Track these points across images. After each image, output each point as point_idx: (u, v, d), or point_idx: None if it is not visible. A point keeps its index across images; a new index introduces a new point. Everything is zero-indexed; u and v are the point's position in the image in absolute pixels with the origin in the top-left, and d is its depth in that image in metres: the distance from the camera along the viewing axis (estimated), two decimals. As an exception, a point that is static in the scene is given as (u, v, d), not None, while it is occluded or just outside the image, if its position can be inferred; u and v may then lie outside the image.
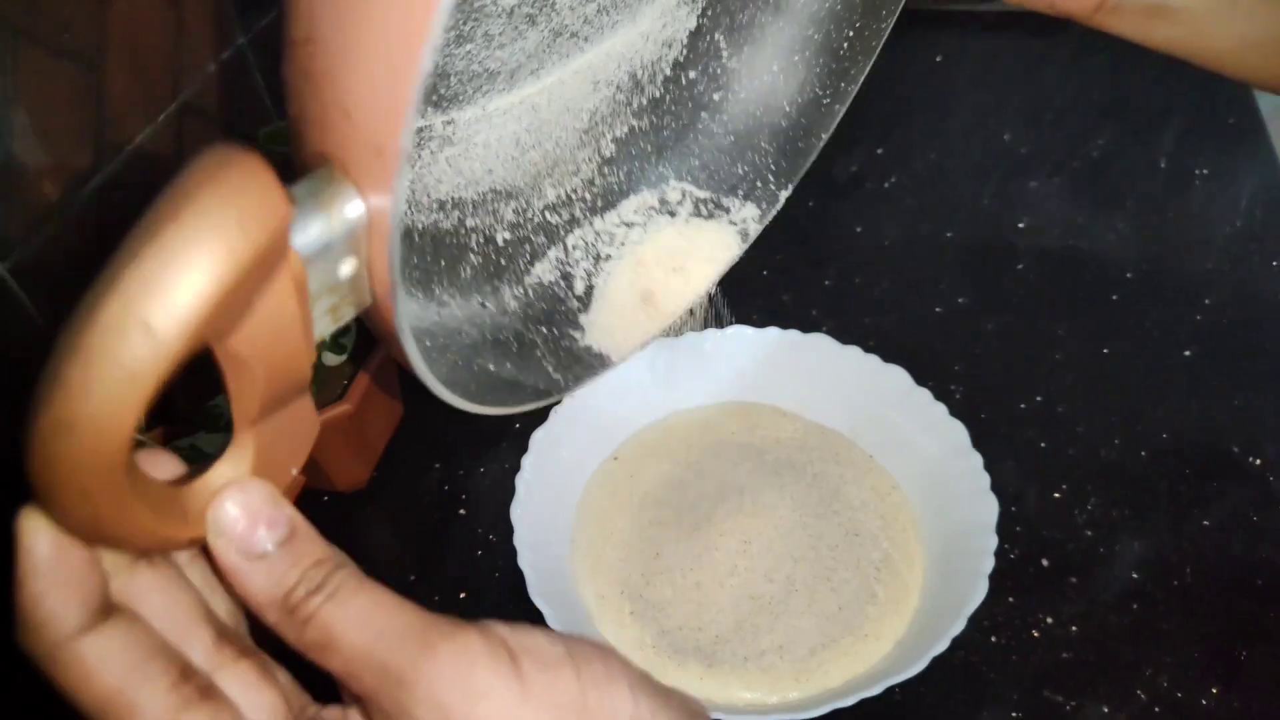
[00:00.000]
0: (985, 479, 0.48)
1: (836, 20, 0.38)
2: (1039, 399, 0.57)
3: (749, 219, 0.39)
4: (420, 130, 0.32)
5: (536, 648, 0.21)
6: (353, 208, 0.21)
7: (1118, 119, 0.77)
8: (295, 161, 0.22)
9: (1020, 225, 0.69)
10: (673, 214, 0.40)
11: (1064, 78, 0.82)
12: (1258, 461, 0.53)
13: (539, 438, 0.52)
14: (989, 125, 0.77)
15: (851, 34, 0.38)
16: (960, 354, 0.60)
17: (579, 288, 0.38)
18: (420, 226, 0.33)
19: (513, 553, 0.47)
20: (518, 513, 0.48)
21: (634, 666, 0.22)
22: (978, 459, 0.49)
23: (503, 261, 0.36)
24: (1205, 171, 0.71)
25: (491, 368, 0.32)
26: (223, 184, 0.17)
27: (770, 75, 0.39)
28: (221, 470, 0.21)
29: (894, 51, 0.42)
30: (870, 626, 0.46)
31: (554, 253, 0.37)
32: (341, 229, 0.21)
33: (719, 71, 0.39)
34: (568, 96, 0.36)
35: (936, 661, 0.42)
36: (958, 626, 0.43)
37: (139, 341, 0.17)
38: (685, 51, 0.39)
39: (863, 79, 0.38)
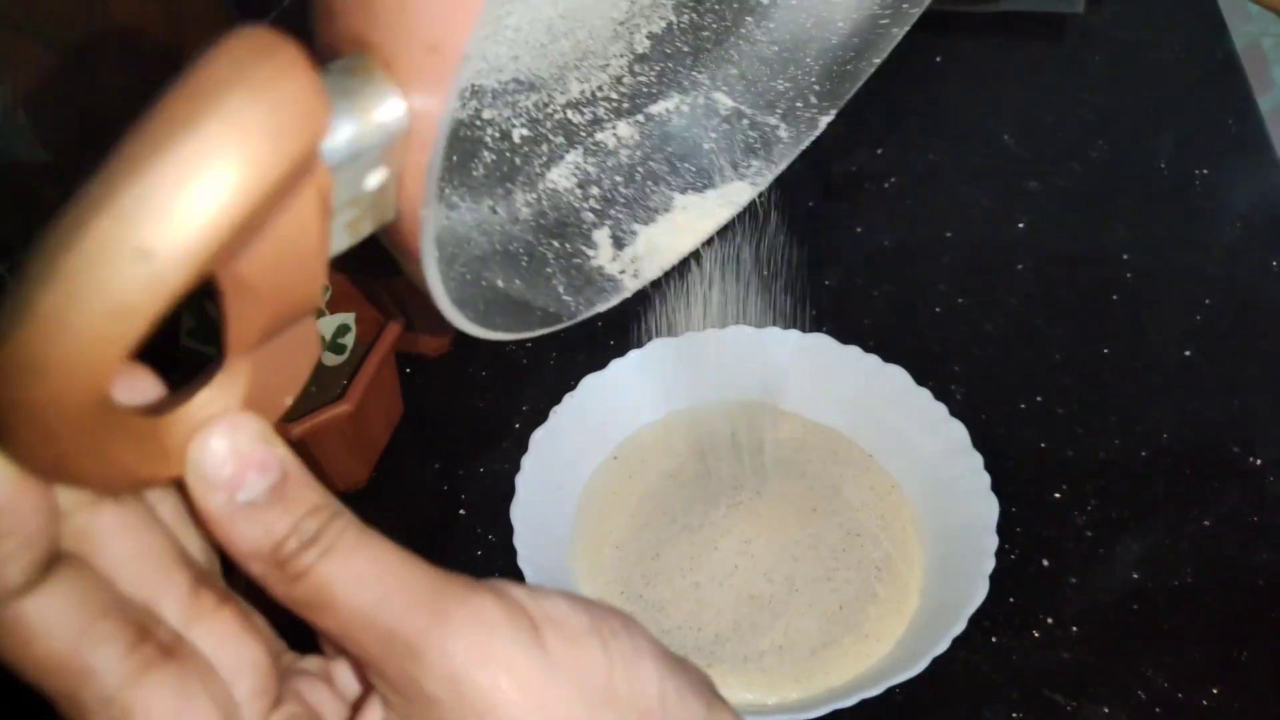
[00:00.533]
0: (985, 479, 0.48)
1: None
2: (1039, 399, 0.58)
3: (785, 139, 0.37)
4: None
5: (561, 617, 0.19)
6: (392, 111, 0.18)
7: (1117, 120, 0.77)
8: (318, 42, 0.19)
9: (1020, 226, 0.69)
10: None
11: (1064, 79, 0.82)
12: (1257, 461, 0.53)
13: (539, 438, 0.52)
14: (988, 126, 0.77)
15: None
16: (960, 354, 0.60)
17: (596, 198, 0.35)
18: (443, 151, 0.31)
19: (513, 553, 0.47)
20: (518, 513, 0.48)
21: (654, 639, 0.21)
22: (978, 459, 0.49)
23: (517, 161, 0.33)
24: (1205, 172, 0.71)
25: (500, 283, 0.30)
26: (255, 83, 0.14)
27: None
28: (208, 399, 0.18)
29: (893, 52, 0.42)
30: (870, 626, 0.46)
31: (573, 156, 0.35)
32: (376, 135, 0.18)
33: None
34: None
35: (937, 661, 0.42)
36: (958, 626, 0.43)
37: (133, 271, 0.13)
38: None
39: (925, 4, 0.35)
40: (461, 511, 0.55)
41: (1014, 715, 0.45)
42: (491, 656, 0.18)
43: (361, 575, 0.18)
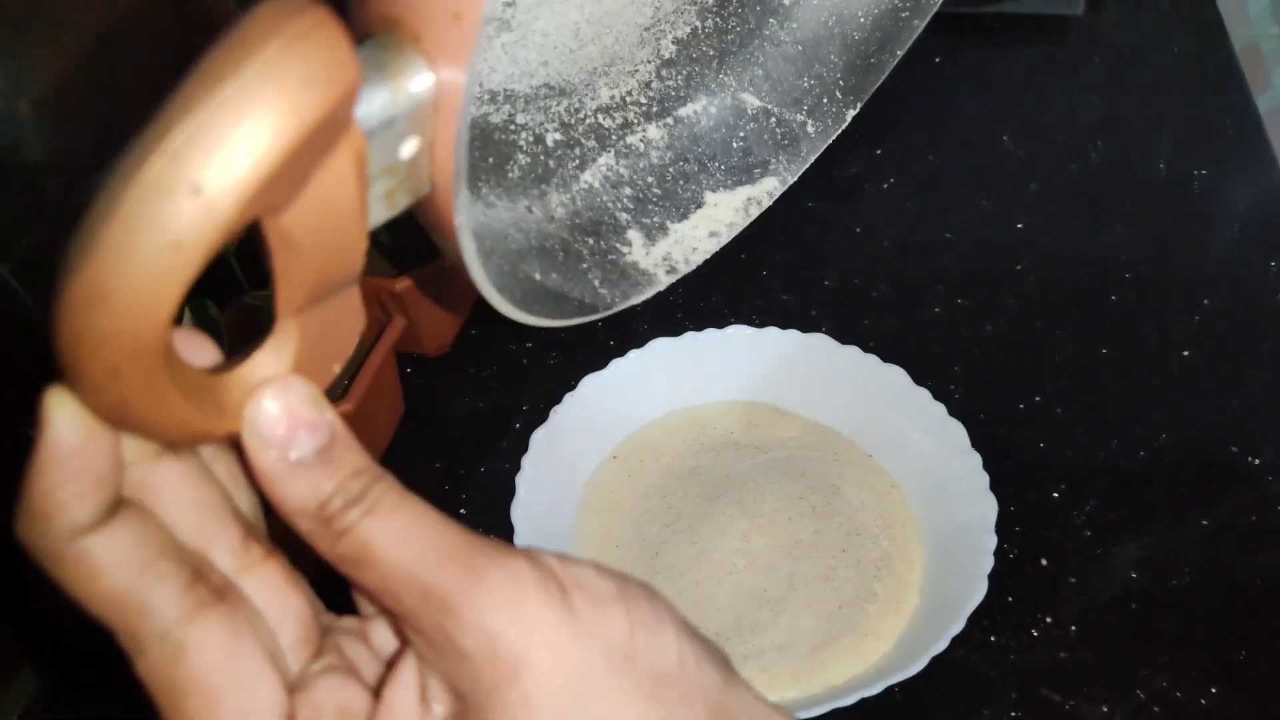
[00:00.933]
0: (984, 479, 0.48)
1: None
2: (1038, 399, 0.58)
3: (812, 134, 0.38)
4: None
5: (588, 582, 0.20)
6: (421, 81, 0.19)
7: (1116, 121, 0.77)
8: (355, 25, 0.20)
9: (1019, 226, 0.69)
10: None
11: (1063, 80, 0.82)
12: (1256, 462, 0.53)
13: (539, 438, 0.52)
14: (988, 127, 0.77)
15: None
16: (959, 354, 0.60)
17: (628, 198, 0.36)
18: (470, 116, 0.32)
19: (513, 552, 0.47)
20: (518, 513, 0.49)
21: (676, 610, 0.22)
22: (977, 459, 0.49)
23: (551, 164, 0.34)
24: (1204, 173, 0.71)
25: (537, 276, 0.31)
26: (290, 36, 0.15)
27: None
28: (261, 361, 0.19)
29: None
30: (870, 625, 0.46)
31: (605, 159, 0.36)
32: (407, 104, 0.19)
33: None
34: None
35: (936, 661, 0.42)
36: (957, 626, 0.43)
37: (188, 205, 0.15)
38: None
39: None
40: (462, 511, 0.55)
41: (1012, 714, 0.45)
42: (523, 615, 0.19)
43: (402, 534, 0.19)
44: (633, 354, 0.56)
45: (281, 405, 0.19)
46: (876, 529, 0.50)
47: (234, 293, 0.57)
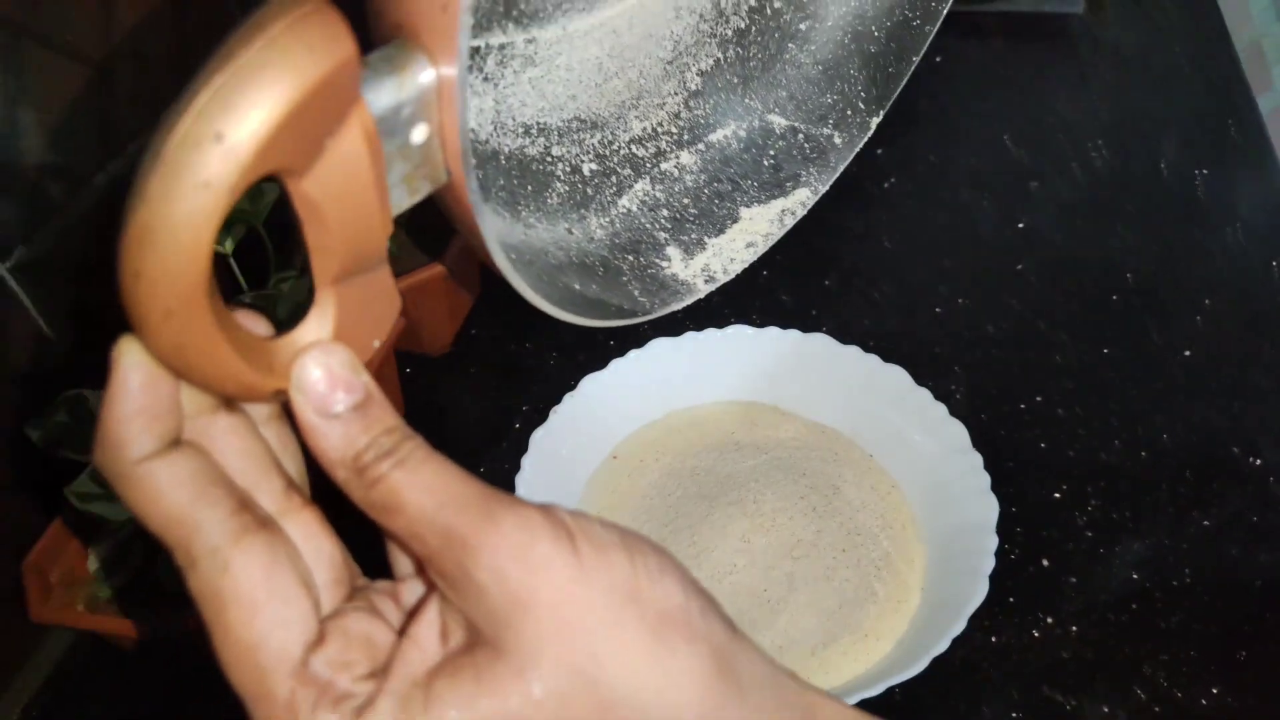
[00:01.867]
0: (985, 479, 0.48)
1: None
2: (1039, 399, 0.58)
3: (840, 145, 0.39)
4: (502, 48, 0.32)
5: (593, 532, 0.22)
6: (424, 72, 0.22)
7: (1118, 122, 0.77)
8: (374, 38, 0.23)
9: (1020, 226, 0.69)
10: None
11: (1065, 81, 0.82)
12: (1257, 463, 0.53)
13: (539, 438, 0.52)
14: (989, 127, 0.77)
15: None
16: (960, 354, 0.60)
17: (666, 219, 0.37)
18: (506, 150, 0.33)
19: (513, 552, 0.47)
20: (518, 512, 0.48)
21: (688, 571, 0.23)
22: (977, 459, 0.49)
23: (589, 191, 0.36)
24: (1205, 173, 0.71)
25: (577, 286, 0.33)
26: (293, 17, 0.19)
27: (857, 3, 0.39)
28: (307, 329, 0.22)
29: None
30: (870, 626, 0.46)
31: (641, 185, 0.37)
32: (412, 91, 0.22)
33: (805, 1, 0.39)
34: (649, 22, 0.36)
35: (937, 661, 0.42)
36: (958, 626, 0.43)
37: (213, 151, 0.18)
38: None
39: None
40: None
41: (1014, 714, 0.45)
42: (532, 554, 0.21)
43: (427, 484, 0.22)
44: (633, 354, 0.56)
45: (323, 366, 0.22)
46: (877, 529, 0.50)
47: (234, 293, 0.57)
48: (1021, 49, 0.85)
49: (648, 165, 0.38)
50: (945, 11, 0.38)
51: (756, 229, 0.40)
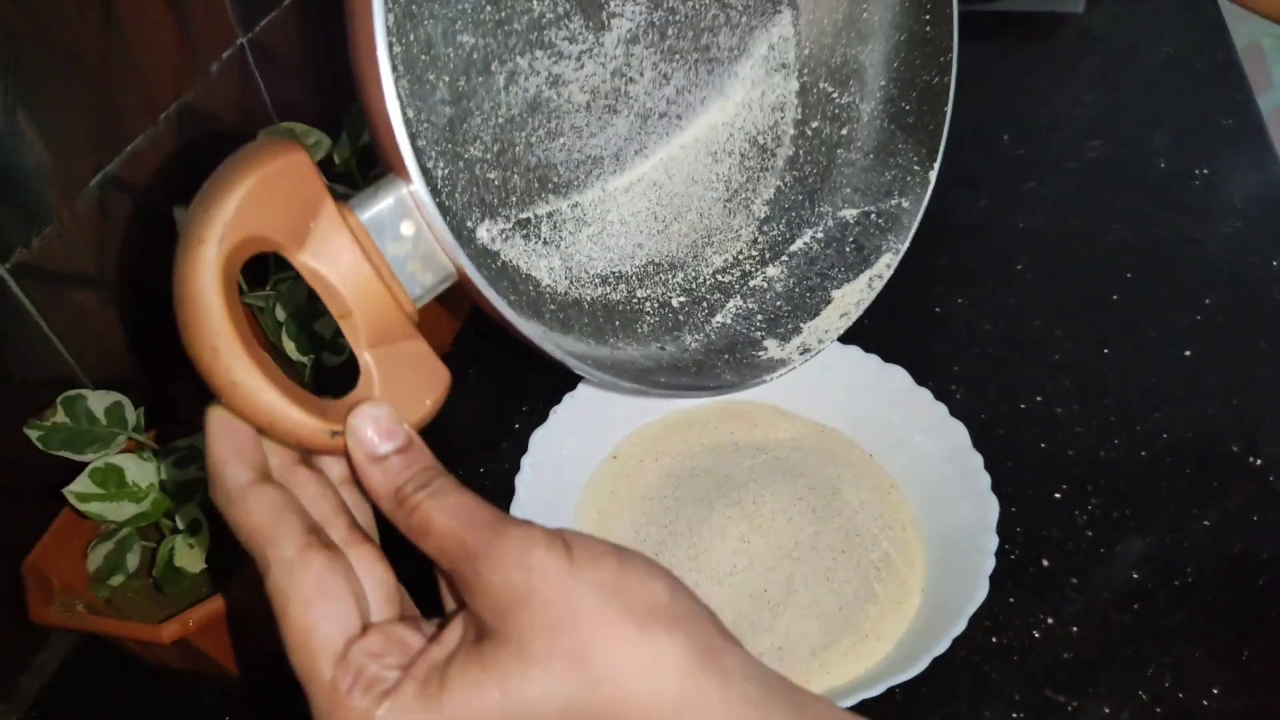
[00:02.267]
0: (985, 479, 0.48)
1: (913, 10, 0.40)
2: (1039, 399, 0.58)
3: (908, 207, 0.43)
4: (550, 215, 0.36)
5: (588, 542, 0.26)
6: (396, 186, 0.29)
7: (1116, 120, 0.77)
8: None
9: (1019, 225, 0.69)
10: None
11: (1063, 78, 0.82)
12: (1258, 461, 0.53)
13: (539, 438, 0.52)
14: (987, 126, 0.77)
15: (928, 15, 0.40)
16: (960, 354, 0.60)
17: (760, 321, 0.41)
18: (589, 299, 0.37)
19: (513, 553, 0.47)
20: (518, 513, 0.48)
21: (680, 581, 0.27)
22: (978, 459, 0.49)
23: (681, 318, 0.40)
24: (1205, 171, 0.71)
25: (663, 380, 0.36)
26: (261, 143, 0.27)
27: (881, 89, 0.42)
28: (358, 390, 0.29)
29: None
30: (870, 626, 0.46)
31: (733, 303, 0.40)
32: (391, 199, 0.29)
33: (837, 111, 0.43)
34: (688, 170, 0.40)
35: (937, 662, 0.42)
36: (958, 627, 0.43)
37: (204, 218, 0.25)
38: (800, 109, 0.43)
39: (956, 43, 0.40)
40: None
41: (1014, 715, 0.45)
42: (530, 558, 0.25)
43: (451, 509, 0.26)
44: (632, 354, 0.56)
45: (371, 420, 0.28)
46: (877, 530, 0.50)
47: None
48: (1021, 48, 0.85)
49: (736, 287, 0.42)
50: (954, 60, 0.41)
51: (849, 300, 0.43)
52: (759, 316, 0.40)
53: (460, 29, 0.33)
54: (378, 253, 0.28)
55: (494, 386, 0.62)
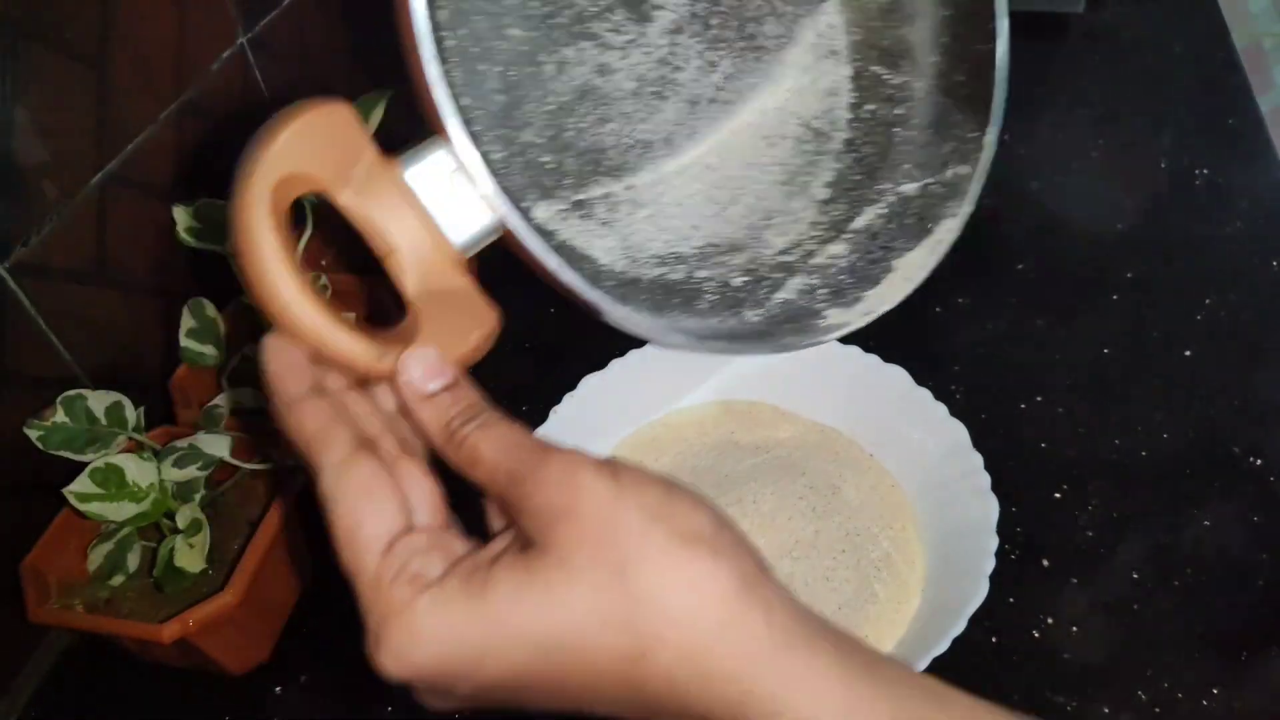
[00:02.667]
0: (985, 479, 0.48)
1: None
2: (1039, 399, 0.57)
3: (967, 173, 0.42)
4: (606, 196, 0.37)
5: (635, 470, 0.27)
6: (441, 143, 0.29)
7: (1118, 120, 0.77)
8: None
9: (1020, 225, 0.69)
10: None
11: (1064, 79, 0.82)
12: (1258, 462, 0.53)
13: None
14: (989, 126, 0.77)
15: None
16: (960, 354, 0.60)
17: (823, 295, 0.40)
18: (648, 278, 0.37)
19: (513, 552, 0.47)
20: (518, 512, 0.48)
21: (727, 517, 0.27)
22: (978, 459, 0.49)
23: (742, 296, 0.39)
24: (1205, 171, 0.71)
25: (721, 343, 0.36)
26: (306, 107, 0.29)
27: (932, 65, 0.42)
28: (404, 325, 0.29)
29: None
30: (870, 626, 0.46)
31: (795, 280, 0.40)
32: (434, 147, 0.29)
33: (891, 92, 0.42)
34: (742, 154, 0.40)
35: (937, 662, 0.42)
36: (958, 627, 0.43)
37: (254, 156, 0.28)
38: (854, 93, 0.42)
39: (1007, 10, 0.40)
40: (463, 510, 0.55)
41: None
42: (575, 479, 0.26)
43: (498, 439, 0.28)
44: (633, 354, 0.56)
45: (419, 360, 0.29)
46: (877, 529, 0.49)
47: (234, 293, 0.57)
48: (1022, 48, 0.85)
49: (799, 265, 0.41)
50: (1006, 28, 0.41)
51: (912, 265, 0.42)
52: (822, 290, 0.40)
53: (509, 23, 0.34)
54: (419, 201, 0.29)
55: (494, 387, 0.61)
